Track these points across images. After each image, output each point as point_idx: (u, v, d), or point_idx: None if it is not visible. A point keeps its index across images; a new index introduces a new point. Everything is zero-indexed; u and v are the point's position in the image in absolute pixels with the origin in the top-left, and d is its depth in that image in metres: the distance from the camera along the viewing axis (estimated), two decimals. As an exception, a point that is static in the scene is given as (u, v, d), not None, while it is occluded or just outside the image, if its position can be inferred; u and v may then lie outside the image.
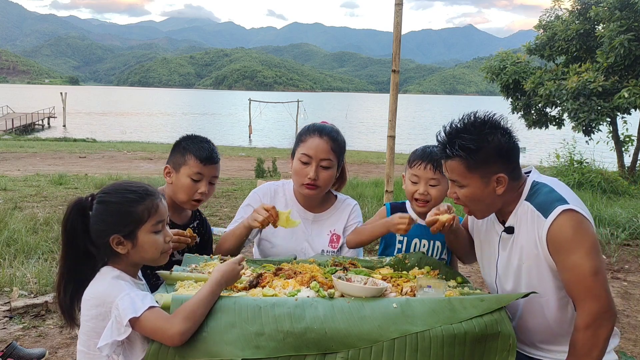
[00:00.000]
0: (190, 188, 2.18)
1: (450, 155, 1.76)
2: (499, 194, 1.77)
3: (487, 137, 1.73)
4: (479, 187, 1.76)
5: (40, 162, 14.09)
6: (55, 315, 3.72)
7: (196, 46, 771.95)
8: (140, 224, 1.56)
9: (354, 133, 36.44)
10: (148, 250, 1.59)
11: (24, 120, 32.73)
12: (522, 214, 1.80)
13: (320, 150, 2.19)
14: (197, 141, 2.23)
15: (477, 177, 1.75)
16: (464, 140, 1.72)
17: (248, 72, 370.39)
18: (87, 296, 1.53)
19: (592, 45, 10.39)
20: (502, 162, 1.75)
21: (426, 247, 2.26)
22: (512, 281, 1.86)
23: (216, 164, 2.23)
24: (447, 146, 1.76)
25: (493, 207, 1.83)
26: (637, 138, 10.86)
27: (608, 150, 11.35)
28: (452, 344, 1.51)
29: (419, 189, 2.19)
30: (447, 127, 1.80)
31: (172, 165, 2.23)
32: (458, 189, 1.80)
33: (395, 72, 4.51)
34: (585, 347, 1.66)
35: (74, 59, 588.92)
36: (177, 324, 1.41)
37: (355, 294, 1.63)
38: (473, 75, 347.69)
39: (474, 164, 1.73)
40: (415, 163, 2.20)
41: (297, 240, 2.32)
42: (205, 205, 7.97)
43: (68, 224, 1.57)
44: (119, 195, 1.58)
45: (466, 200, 1.81)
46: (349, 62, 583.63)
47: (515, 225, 1.82)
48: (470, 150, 1.72)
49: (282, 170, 12.18)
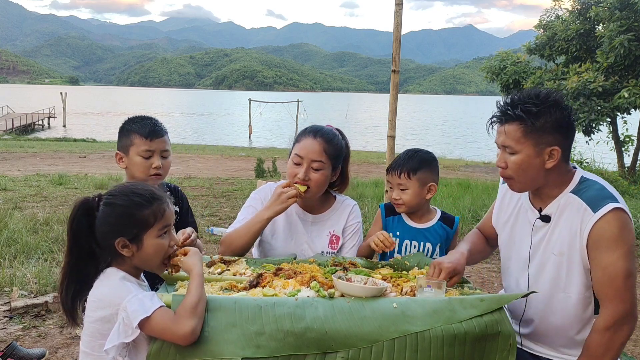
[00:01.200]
0: (143, 165, 2.21)
1: (511, 117, 1.75)
2: (547, 167, 1.75)
3: (550, 107, 1.73)
4: (531, 155, 1.74)
5: (40, 162, 14.09)
6: (56, 315, 3.72)
7: (196, 46, 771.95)
8: (147, 228, 1.56)
9: (354, 133, 36.46)
10: (152, 254, 1.58)
11: (24, 120, 32.74)
12: (565, 205, 1.79)
13: (312, 151, 2.17)
14: (139, 120, 2.28)
15: (531, 144, 1.73)
16: (527, 104, 1.73)
17: (248, 72, 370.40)
18: (92, 298, 1.52)
19: (592, 45, 10.40)
20: (559, 135, 1.74)
21: (417, 248, 2.33)
22: (537, 270, 1.86)
23: (162, 137, 2.26)
24: (509, 108, 1.76)
25: (536, 182, 1.81)
26: (637, 138, 10.87)
27: (608, 150, 11.36)
28: (452, 344, 1.51)
29: (393, 195, 2.34)
30: (516, 93, 1.82)
31: (121, 150, 2.27)
32: (508, 156, 1.78)
33: (395, 72, 4.50)
34: (600, 348, 1.67)
35: (74, 59, 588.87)
36: (187, 323, 1.41)
37: (355, 294, 1.63)
38: (473, 75, 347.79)
39: (531, 129, 1.72)
40: (388, 172, 2.38)
41: (296, 242, 2.32)
42: (205, 205, 7.97)
43: (74, 223, 1.57)
44: (125, 198, 1.56)
45: (514, 168, 1.78)
46: (349, 62, 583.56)
47: (554, 215, 1.81)
48: (531, 114, 1.71)
49: (282, 171, 12.17)
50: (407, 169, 2.27)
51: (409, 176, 2.26)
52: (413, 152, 2.33)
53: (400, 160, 2.32)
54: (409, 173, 2.27)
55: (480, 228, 2.24)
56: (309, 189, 2.18)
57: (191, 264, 1.58)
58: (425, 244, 2.32)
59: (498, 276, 5.20)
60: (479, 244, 2.18)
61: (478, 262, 2.27)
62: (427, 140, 35.44)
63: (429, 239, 2.32)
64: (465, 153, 25.37)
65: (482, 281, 5.00)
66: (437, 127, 53.51)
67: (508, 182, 1.86)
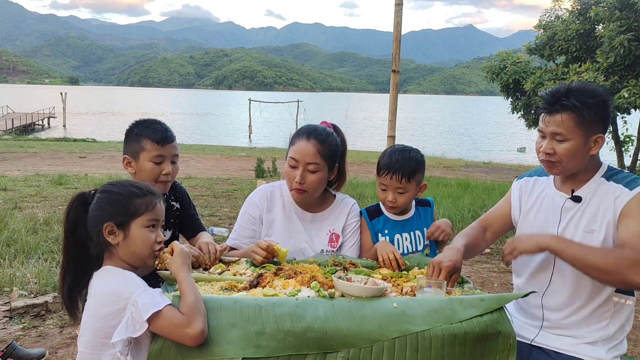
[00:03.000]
0: (153, 171, 2.19)
1: (566, 107, 1.83)
2: (592, 154, 1.88)
3: (600, 100, 1.84)
4: (580, 143, 1.84)
5: (40, 162, 14.09)
6: (56, 315, 3.72)
7: (196, 46, 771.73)
8: (135, 216, 1.60)
9: (354, 133, 36.49)
10: (138, 244, 1.60)
11: (24, 120, 32.75)
12: (597, 187, 1.91)
13: (306, 154, 2.16)
14: (149, 124, 2.23)
15: (581, 133, 1.84)
16: (582, 96, 1.82)
17: (248, 72, 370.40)
18: (98, 294, 1.52)
19: (592, 45, 10.38)
20: (602, 125, 1.87)
21: (408, 239, 2.36)
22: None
23: (172, 142, 2.23)
24: (564, 98, 1.83)
25: (578, 166, 1.91)
26: (637, 138, 10.86)
27: (608, 150, 11.35)
28: (452, 344, 1.51)
29: (387, 197, 2.31)
30: (558, 86, 1.91)
31: (130, 155, 2.22)
32: (557, 143, 1.87)
33: (395, 72, 4.51)
34: (602, 251, 1.79)
35: (74, 59, 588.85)
36: (196, 323, 1.41)
37: (355, 294, 1.63)
38: (473, 75, 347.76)
39: (584, 119, 1.82)
40: (383, 173, 2.31)
41: (296, 241, 2.32)
42: (205, 205, 7.97)
43: (70, 214, 1.63)
44: (123, 187, 1.63)
45: (564, 154, 1.86)
46: (349, 62, 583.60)
47: (585, 197, 1.92)
48: (587, 105, 1.81)
49: (282, 170, 12.18)
50: (407, 173, 2.26)
51: (408, 180, 2.26)
52: (407, 153, 2.30)
53: (397, 163, 2.27)
54: (409, 177, 2.26)
55: (484, 221, 2.27)
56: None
57: (180, 263, 1.60)
58: (415, 232, 2.36)
59: (498, 276, 5.20)
60: (477, 238, 2.20)
61: (472, 257, 2.30)
62: (427, 140, 35.45)
63: (416, 226, 2.37)
64: (465, 153, 25.39)
65: (482, 281, 5.01)
66: (437, 127, 53.53)
67: (551, 165, 1.92)
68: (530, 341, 1.99)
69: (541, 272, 2.00)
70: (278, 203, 2.37)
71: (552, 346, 1.95)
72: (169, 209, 2.38)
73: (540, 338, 1.98)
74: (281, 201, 2.37)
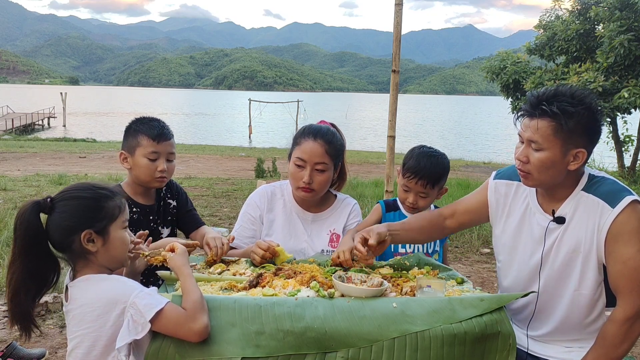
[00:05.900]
0: (148, 168, 2.21)
1: (544, 112, 1.68)
2: (570, 169, 1.72)
3: (585, 110, 1.67)
4: (557, 155, 1.69)
5: (40, 162, 14.08)
6: (56, 315, 3.72)
7: (196, 46, 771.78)
8: (113, 220, 1.55)
9: (354, 133, 36.44)
10: (119, 247, 1.56)
11: (24, 120, 32.72)
12: (578, 204, 1.76)
13: (315, 154, 2.18)
14: (147, 121, 2.27)
15: (559, 144, 1.68)
16: (564, 102, 1.67)
17: (248, 72, 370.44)
18: (93, 303, 1.45)
19: (592, 45, 10.38)
20: (587, 138, 1.70)
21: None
22: (550, 272, 1.84)
23: (169, 140, 2.26)
24: (545, 103, 1.68)
25: (553, 181, 1.76)
26: (637, 138, 10.87)
27: (608, 150, 11.35)
28: (452, 344, 1.51)
29: (409, 198, 2.34)
30: (547, 89, 1.76)
31: (126, 150, 2.26)
32: (533, 152, 1.72)
33: (395, 72, 4.51)
34: (617, 339, 1.68)
35: (74, 59, 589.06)
36: (200, 319, 1.41)
37: (355, 294, 1.64)
38: (473, 75, 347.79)
39: (563, 128, 1.66)
40: (408, 176, 2.31)
41: (296, 241, 2.33)
42: (205, 205, 7.97)
43: (23, 227, 1.49)
44: (92, 192, 1.55)
45: (536, 164, 1.72)
46: (348, 62, 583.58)
47: (567, 216, 1.78)
48: (567, 113, 1.65)
49: (282, 171, 12.18)
50: (433, 180, 2.28)
51: (432, 186, 2.30)
52: (435, 159, 2.30)
53: (424, 169, 2.27)
54: (434, 183, 2.29)
55: (448, 210, 2.14)
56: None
57: (180, 263, 1.60)
58: None
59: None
60: (425, 220, 2.12)
61: (407, 243, 2.26)
62: (427, 141, 35.34)
63: None
64: (465, 153, 25.37)
65: (482, 281, 5.00)
66: (437, 127, 53.51)
67: (524, 176, 1.80)
68: (526, 349, 1.93)
69: (524, 307, 1.91)
70: (279, 203, 2.37)
71: (544, 354, 1.91)
72: (166, 207, 2.41)
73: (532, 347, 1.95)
74: (282, 201, 2.37)
